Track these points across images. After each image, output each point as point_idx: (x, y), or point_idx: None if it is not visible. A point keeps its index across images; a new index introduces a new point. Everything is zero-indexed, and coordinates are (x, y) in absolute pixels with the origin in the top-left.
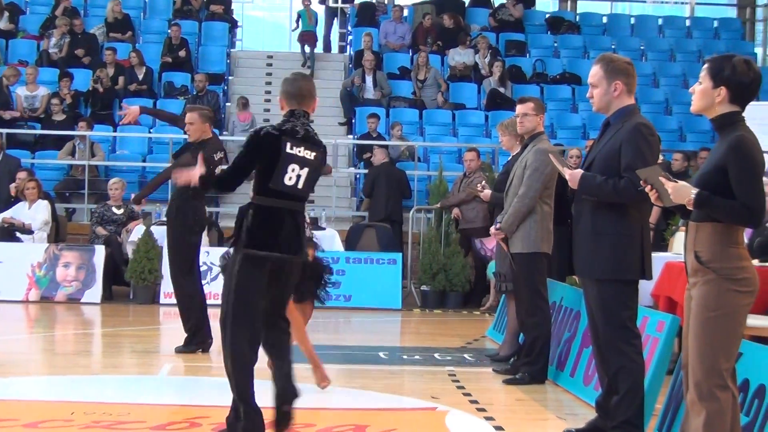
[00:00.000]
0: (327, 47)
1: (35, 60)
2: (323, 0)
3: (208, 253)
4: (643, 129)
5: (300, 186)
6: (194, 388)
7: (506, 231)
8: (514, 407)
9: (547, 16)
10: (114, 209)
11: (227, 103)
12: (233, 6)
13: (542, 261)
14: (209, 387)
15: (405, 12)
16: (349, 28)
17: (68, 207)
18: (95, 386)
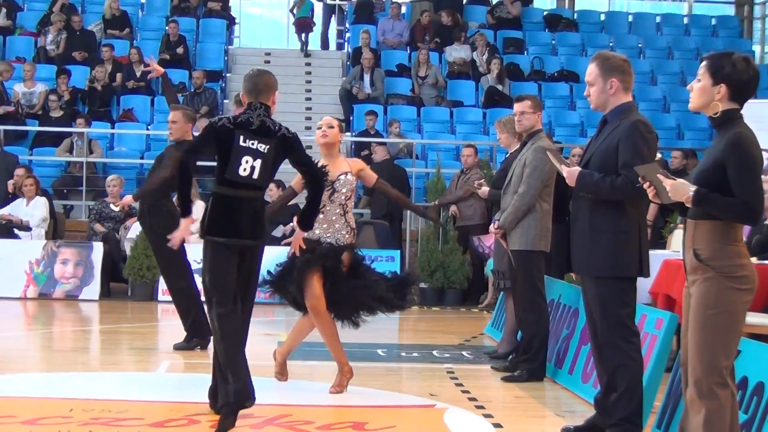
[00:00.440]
0: (325, 44)
1: (33, 57)
2: None
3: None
4: (641, 126)
5: (255, 176)
6: (193, 385)
7: (506, 229)
8: (513, 404)
9: (545, 14)
10: (112, 206)
11: (225, 100)
12: (231, 3)
13: (540, 258)
14: (208, 384)
15: (403, 9)
16: (347, 26)
17: (66, 204)
18: (94, 383)
